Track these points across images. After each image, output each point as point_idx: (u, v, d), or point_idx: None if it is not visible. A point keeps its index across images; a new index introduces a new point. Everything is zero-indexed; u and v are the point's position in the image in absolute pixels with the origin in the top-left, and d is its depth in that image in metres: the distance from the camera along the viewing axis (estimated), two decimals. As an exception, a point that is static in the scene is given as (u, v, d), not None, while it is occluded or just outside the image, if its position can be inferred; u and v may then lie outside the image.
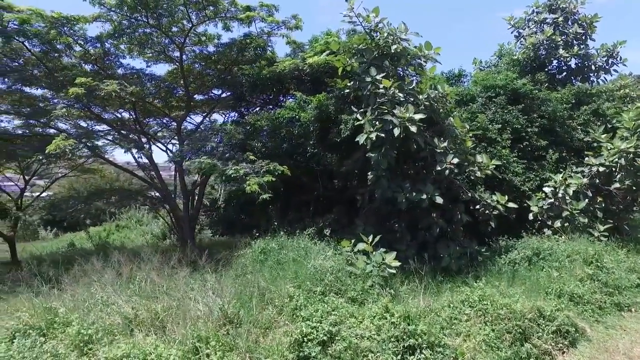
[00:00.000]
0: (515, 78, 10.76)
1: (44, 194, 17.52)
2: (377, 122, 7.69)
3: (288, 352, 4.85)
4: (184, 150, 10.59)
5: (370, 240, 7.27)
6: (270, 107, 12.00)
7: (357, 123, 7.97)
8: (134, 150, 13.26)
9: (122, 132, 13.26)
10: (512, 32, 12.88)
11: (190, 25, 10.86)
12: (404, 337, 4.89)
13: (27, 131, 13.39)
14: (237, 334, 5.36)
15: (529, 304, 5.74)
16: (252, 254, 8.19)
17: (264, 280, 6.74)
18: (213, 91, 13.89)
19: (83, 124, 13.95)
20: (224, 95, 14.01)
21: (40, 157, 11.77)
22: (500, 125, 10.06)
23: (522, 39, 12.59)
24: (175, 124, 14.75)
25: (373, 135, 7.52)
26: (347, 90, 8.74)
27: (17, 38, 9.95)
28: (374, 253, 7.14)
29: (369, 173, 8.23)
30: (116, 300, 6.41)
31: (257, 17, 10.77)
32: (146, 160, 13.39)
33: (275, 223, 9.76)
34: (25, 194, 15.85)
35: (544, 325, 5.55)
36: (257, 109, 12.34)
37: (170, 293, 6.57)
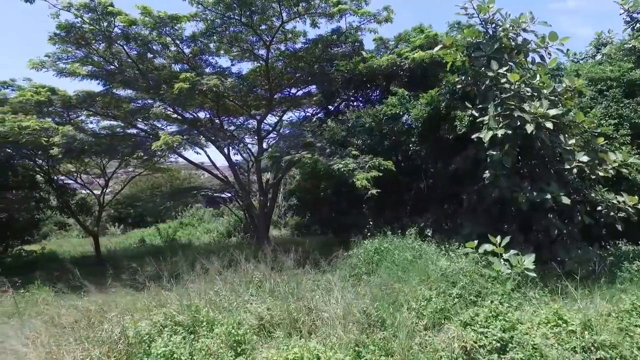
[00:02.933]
0: (630, 68, 9.95)
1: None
2: (500, 119, 7.27)
3: (459, 360, 4.56)
4: (280, 147, 10.55)
5: (498, 241, 6.89)
6: (356, 104, 11.77)
7: (479, 119, 7.57)
8: (208, 149, 13.47)
9: (203, 130, 13.43)
10: (624, 18, 11.80)
11: (280, 22, 10.81)
12: (592, 348, 4.50)
13: (109, 132, 13.80)
14: (386, 338, 5.14)
15: None
16: (365, 254, 7.96)
17: (393, 282, 6.51)
18: (290, 90, 13.82)
19: (157, 124, 14.26)
20: (299, 92, 13.95)
21: (142, 154, 12.07)
22: (616, 121, 9.33)
23: (636, 23, 11.47)
24: (250, 123, 14.91)
25: (500, 132, 7.10)
26: (459, 86, 8.36)
27: (118, 42, 10.23)
28: (505, 255, 6.76)
29: (486, 172, 7.81)
30: (244, 299, 6.38)
31: (348, 10, 10.58)
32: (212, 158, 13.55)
33: (371, 222, 9.52)
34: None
35: None
36: (343, 105, 12.13)
37: (295, 293, 6.46)
